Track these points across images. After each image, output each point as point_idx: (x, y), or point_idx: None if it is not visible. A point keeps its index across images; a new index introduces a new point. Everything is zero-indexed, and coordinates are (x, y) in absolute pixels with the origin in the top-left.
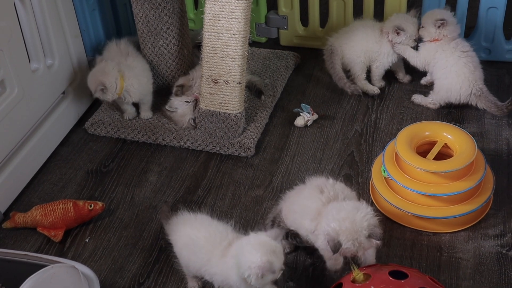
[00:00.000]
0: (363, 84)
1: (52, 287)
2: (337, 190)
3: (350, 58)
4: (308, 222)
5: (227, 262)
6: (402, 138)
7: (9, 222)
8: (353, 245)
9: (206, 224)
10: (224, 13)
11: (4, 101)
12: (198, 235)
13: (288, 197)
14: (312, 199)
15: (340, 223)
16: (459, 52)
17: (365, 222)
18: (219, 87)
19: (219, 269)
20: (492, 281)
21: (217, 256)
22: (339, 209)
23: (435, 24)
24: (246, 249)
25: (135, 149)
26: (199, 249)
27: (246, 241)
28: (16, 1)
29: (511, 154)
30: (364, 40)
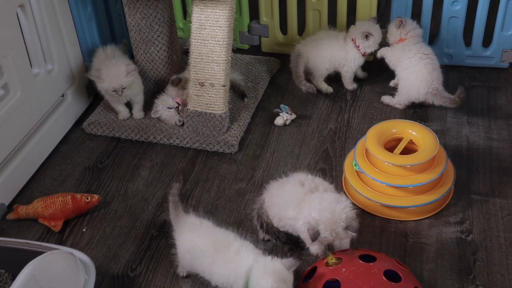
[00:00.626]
0: (319, 83)
1: (50, 271)
2: (317, 183)
3: (315, 63)
4: (291, 211)
5: (235, 270)
6: (371, 135)
7: (13, 214)
8: (331, 235)
9: (210, 231)
10: (209, 22)
11: (8, 103)
12: (203, 242)
13: (271, 189)
14: (294, 191)
15: (321, 213)
16: (420, 54)
17: (343, 214)
18: (205, 90)
19: (222, 273)
20: (453, 263)
21: (222, 261)
22: (321, 199)
23: (396, 25)
24: (261, 273)
25: (128, 147)
26: (203, 254)
27: (263, 264)
28: (18, 11)
29: (470, 150)
30: (329, 49)
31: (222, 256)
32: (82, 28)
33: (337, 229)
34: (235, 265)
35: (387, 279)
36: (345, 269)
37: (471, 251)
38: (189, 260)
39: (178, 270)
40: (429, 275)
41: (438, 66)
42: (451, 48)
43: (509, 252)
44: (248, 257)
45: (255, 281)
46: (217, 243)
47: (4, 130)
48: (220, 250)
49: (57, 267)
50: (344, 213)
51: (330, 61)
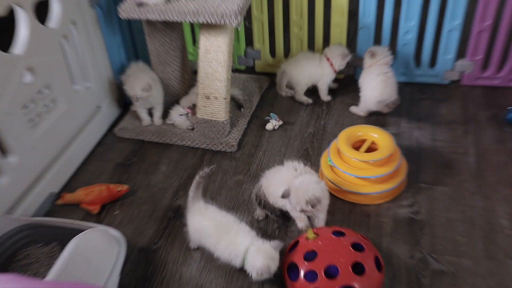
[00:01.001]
0: (301, 96)
1: (90, 244)
2: (307, 170)
3: (297, 79)
4: (283, 188)
5: (234, 250)
6: (342, 137)
7: (61, 200)
8: (296, 201)
9: (215, 215)
10: (213, 48)
11: (57, 113)
12: (209, 225)
13: (268, 174)
14: (287, 174)
15: (298, 185)
16: (379, 72)
17: (310, 192)
18: (210, 102)
19: (224, 251)
20: (405, 236)
21: (224, 241)
22: (303, 180)
23: (368, 55)
24: (255, 253)
25: (150, 147)
26: (209, 235)
27: (256, 246)
28: (63, 41)
29: (420, 148)
30: (308, 67)
31: (224, 238)
32: (113, 53)
33: (302, 200)
34: (235, 245)
35: (353, 250)
36: (321, 242)
37: (419, 227)
38: (197, 238)
39: (190, 244)
40: (386, 246)
41: (394, 82)
42: (404, 68)
43: (447, 229)
44: (246, 239)
45: (250, 260)
46: (220, 226)
47: (54, 134)
48: (223, 232)
49: (96, 241)
50: (313, 191)
51: (309, 77)
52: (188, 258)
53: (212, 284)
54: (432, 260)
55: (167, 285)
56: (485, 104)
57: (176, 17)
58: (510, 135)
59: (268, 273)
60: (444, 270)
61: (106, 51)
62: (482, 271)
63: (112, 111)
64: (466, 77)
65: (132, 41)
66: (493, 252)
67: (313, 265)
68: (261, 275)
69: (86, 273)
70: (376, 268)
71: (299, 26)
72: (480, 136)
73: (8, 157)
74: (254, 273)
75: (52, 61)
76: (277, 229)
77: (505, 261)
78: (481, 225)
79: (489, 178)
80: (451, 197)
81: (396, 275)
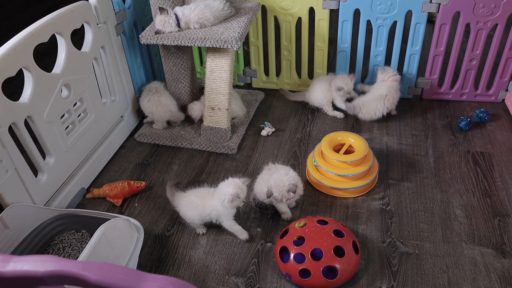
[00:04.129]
0: (332, 112)
1: (115, 231)
2: (279, 167)
3: (316, 101)
4: (264, 188)
5: (214, 201)
6: (325, 141)
7: (90, 194)
8: (279, 194)
9: (193, 193)
10: (217, 67)
11: (87, 121)
12: (193, 198)
13: (257, 179)
14: (265, 175)
15: (274, 181)
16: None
17: (287, 181)
18: (215, 112)
19: (211, 208)
20: (377, 224)
21: (208, 201)
22: (277, 174)
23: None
24: (224, 185)
25: (164, 150)
26: (196, 205)
27: (225, 181)
28: (93, 62)
29: (388, 151)
30: (324, 89)
31: (206, 201)
32: (134, 72)
33: (283, 191)
34: (215, 200)
35: (335, 236)
36: (308, 229)
37: (389, 216)
38: (192, 215)
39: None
40: (362, 233)
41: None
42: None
43: (412, 217)
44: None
45: (221, 192)
46: (200, 195)
47: (85, 139)
48: (204, 197)
49: (119, 228)
50: (288, 181)
51: (325, 97)
52: (196, 243)
53: (216, 265)
54: (400, 244)
55: (178, 265)
56: (441, 114)
57: (187, 42)
58: (461, 140)
59: (238, 198)
60: (409, 252)
61: (129, 71)
62: (441, 253)
63: (132, 120)
64: (425, 92)
65: (150, 62)
66: (450, 237)
67: (301, 248)
68: (232, 202)
69: (111, 255)
70: (354, 251)
71: (288, 50)
72: (437, 140)
73: (47, 158)
74: (226, 199)
75: (84, 79)
76: (270, 219)
77: (459, 244)
78: (440, 214)
79: (445, 175)
80: (414, 191)
81: (370, 256)
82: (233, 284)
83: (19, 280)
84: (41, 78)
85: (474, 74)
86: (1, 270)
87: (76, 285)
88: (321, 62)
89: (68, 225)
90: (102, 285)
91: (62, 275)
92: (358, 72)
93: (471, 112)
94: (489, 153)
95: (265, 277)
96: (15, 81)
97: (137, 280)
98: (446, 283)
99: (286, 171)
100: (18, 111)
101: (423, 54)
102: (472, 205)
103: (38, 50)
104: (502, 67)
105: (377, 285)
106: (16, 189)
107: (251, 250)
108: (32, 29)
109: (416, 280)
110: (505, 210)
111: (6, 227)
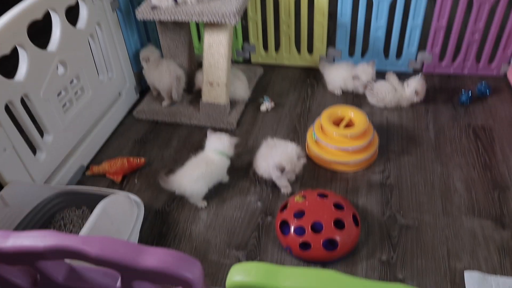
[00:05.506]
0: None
1: (115, 206)
2: (276, 142)
3: (332, 81)
4: (263, 163)
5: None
6: (324, 115)
7: (89, 171)
8: (291, 166)
9: (187, 167)
10: (215, 43)
11: (84, 99)
12: (189, 172)
13: (256, 156)
14: (265, 150)
15: (281, 156)
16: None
17: (293, 151)
18: (213, 88)
19: (212, 175)
20: (377, 197)
21: (205, 169)
22: (277, 149)
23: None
24: (214, 139)
25: (163, 127)
26: (196, 176)
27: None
28: (89, 39)
29: (388, 125)
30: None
31: (201, 167)
32: (131, 49)
33: (293, 160)
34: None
35: (335, 209)
36: (308, 203)
37: (389, 189)
38: (197, 187)
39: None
40: (362, 206)
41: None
42: (375, 59)
43: (412, 190)
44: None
45: (211, 142)
46: (196, 165)
47: (83, 117)
48: (200, 166)
49: (119, 204)
50: (293, 149)
51: (344, 81)
52: (196, 218)
53: (217, 239)
54: (399, 217)
55: (179, 240)
56: (442, 88)
57: (184, 17)
58: (462, 114)
59: (229, 149)
60: (409, 224)
61: (126, 47)
62: (440, 225)
63: (130, 97)
64: (426, 66)
65: (147, 37)
66: (449, 209)
67: (302, 222)
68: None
69: (111, 230)
70: (354, 224)
71: (287, 24)
72: (438, 114)
73: (45, 136)
74: (211, 150)
75: (80, 56)
76: (270, 193)
77: (459, 217)
78: (440, 187)
79: (446, 149)
80: (415, 164)
81: (370, 229)
82: (234, 257)
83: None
84: (36, 55)
85: (476, 47)
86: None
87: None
88: (320, 37)
89: (68, 202)
90: (102, 259)
91: (62, 250)
92: (358, 46)
93: (473, 86)
94: (490, 127)
95: (266, 250)
96: (11, 60)
97: (136, 253)
98: (446, 255)
99: (285, 144)
100: (14, 89)
101: (424, 27)
102: (472, 178)
103: (33, 29)
104: (505, 40)
105: (377, 257)
106: (15, 167)
107: (252, 224)
108: (25, 5)
109: (415, 252)
110: (505, 183)
111: (6, 205)
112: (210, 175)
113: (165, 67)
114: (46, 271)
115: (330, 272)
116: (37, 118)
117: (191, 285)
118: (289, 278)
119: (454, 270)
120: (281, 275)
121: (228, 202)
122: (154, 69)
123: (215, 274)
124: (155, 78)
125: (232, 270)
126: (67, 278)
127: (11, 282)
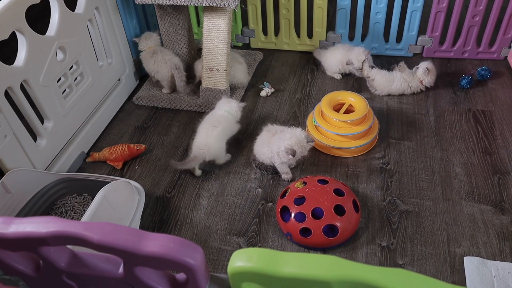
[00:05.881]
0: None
1: (116, 193)
2: (277, 129)
3: (329, 67)
4: (265, 149)
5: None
6: (324, 101)
7: (90, 158)
8: (301, 148)
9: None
10: (215, 27)
11: (84, 85)
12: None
13: (256, 142)
14: (266, 136)
15: (290, 140)
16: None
17: (302, 134)
18: (213, 73)
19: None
20: (377, 183)
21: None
22: (285, 134)
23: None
24: (224, 102)
25: (163, 113)
26: (216, 139)
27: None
28: (88, 24)
29: (388, 110)
30: (336, 57)
31: (218, 126)
32: (130, 34)
33: (303, 143)
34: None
35: (335, 195)
36: (308, 189)
37: (389, 175)
38: (222, 144)
39: (222, 162)
40: (362, 192)
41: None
42: (375, 43)
43: (412, 176)
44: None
45: (220, 106)
46: (212, 125)
47: (82, 103)
48: (216, 125)
49: (120, 191)
50: (301, 133)
51: (340, 64)
52: (197, 205)
53: (218, 225)
54: (399, 202)
55: (180, 226)
56: (442, 72)
57: (183, 1)
58: (462, 98)
59: (236, 110)
60: (409, 210)
61: (125, 32)
62: (440, 210)
63: (130, 82)
64: (426, 50)
65: (146, 23)
66: (449, 195)
67: (302, 208)
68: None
69: (113, 217)
70: (354, 210)
71: (287, 8)
72: (438, 99)
73: (45, 123)
74: (221, 109)
75: (79, 41)
76: (271, 179)
77: (459, 202)
78: (440, 173)
79: (446, 134)
80: (415, 150)
81: (371, 215)
82: (235, 244)
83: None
84: (35, 41)
85: (477, 31)
86: (4, 231)
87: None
88: (320, 21)
89: (69, 189)
90: (104, 245)
91: (64, 236)
92: (358, 29)
93: (473, 70)
94: (490, 111)
95: (266, 236)
96: (10, 45)
97: (138, 239)
98: (445, 240)
99: (291, 129)
100: (13, 75)
101: (424, 11)
102: (472, 163)
103: (31, 13)
104: (506, 23)
105: (377, 242)
106: (15, 154)
107: (252, 210)
108: None
109: (415, 237)
110: (505, 167)
111: (8, 192)
112: (226, 130)
113: (160, 57)
114: (48, 257)
115: (330, 257)
116: (37, 104)
117: (193, 271)
118: (290, 264)
119: (454, 256)
120: (282, 260)
121: (228, 188)
122: (150, 59)
123: (216, 261)
124: (152, 69)
125: (234, 256)
126: (69, 264)
127: (14, 268)
